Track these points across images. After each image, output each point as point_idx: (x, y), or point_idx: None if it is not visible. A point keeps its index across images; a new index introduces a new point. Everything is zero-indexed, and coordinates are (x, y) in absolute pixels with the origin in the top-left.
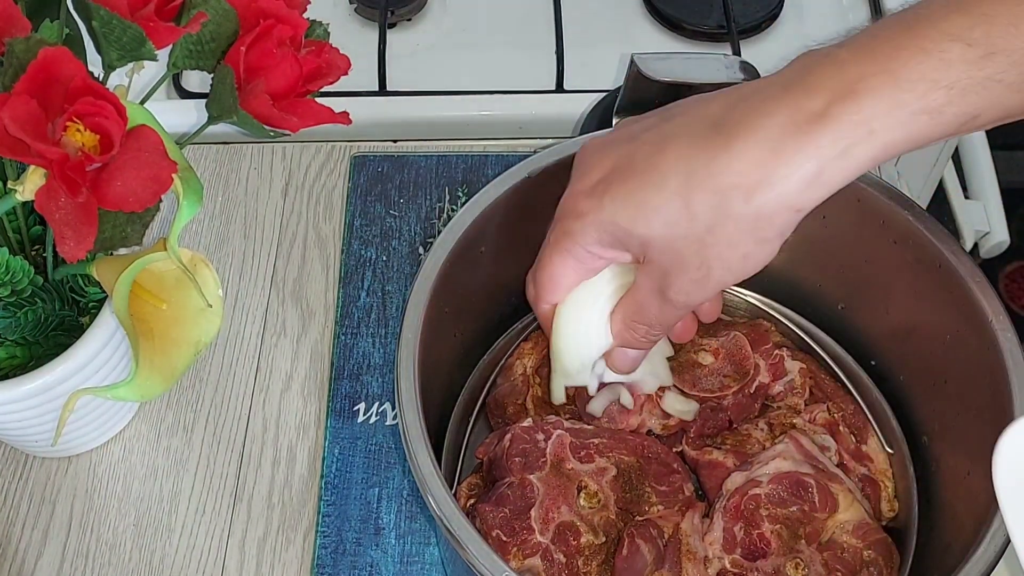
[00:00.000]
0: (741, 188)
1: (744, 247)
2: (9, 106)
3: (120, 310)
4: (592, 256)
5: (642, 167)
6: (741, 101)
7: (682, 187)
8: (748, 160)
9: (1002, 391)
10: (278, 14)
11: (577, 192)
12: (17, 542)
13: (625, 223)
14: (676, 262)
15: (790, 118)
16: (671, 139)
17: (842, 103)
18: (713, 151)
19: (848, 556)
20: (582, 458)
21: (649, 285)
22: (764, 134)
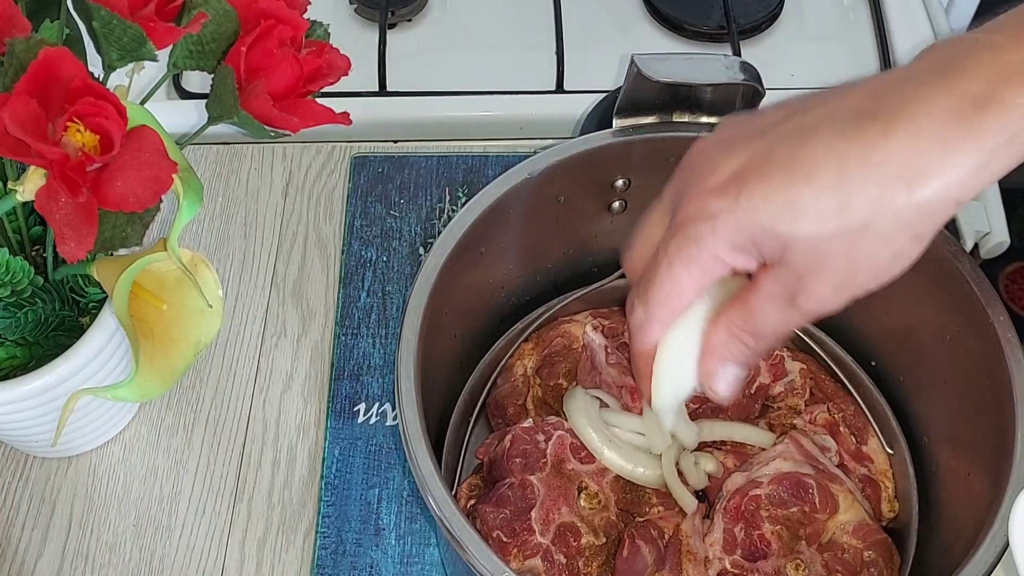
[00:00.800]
0: (904, 179)
1: (898, 244)
2: (9, 106)
3: (120, 310)
4: (719, 263)
5: (785, 161)
6: (888, 89)
7: (836, 180)
8: (911, 149)
9: (1002, 391)
10: (278, 14)
11: (704, 191)
12: (17, 542)
13: (767, 221)
14: (819, 264)
15: (954, 103)
16: (815, 129)
17: (1008, 86)
18: (870, 140)
19: (848, 557)
20: (582, 459)
21: (775, 289)
22: (926, 121)
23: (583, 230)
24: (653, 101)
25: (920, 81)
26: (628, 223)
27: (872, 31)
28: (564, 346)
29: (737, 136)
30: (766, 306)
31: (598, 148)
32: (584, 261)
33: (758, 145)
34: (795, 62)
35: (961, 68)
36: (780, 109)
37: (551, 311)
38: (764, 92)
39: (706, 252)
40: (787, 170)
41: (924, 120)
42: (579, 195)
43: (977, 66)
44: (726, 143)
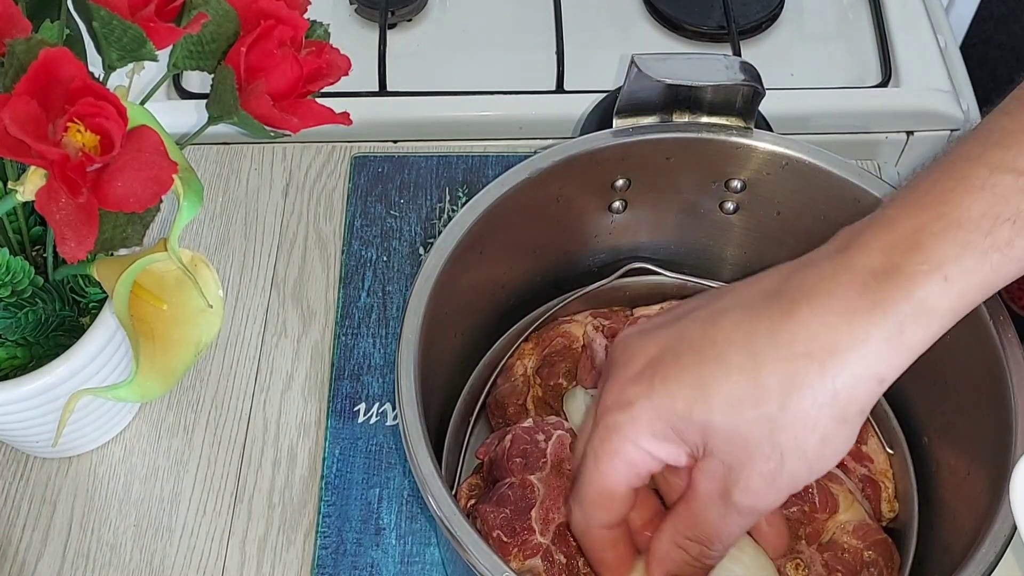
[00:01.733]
0: (813, 357)
1: (822, 428)
2: (10, 107)
3: (120, 311)
4: (645, 455)
5: (696, 343)
6: (794, 272)
7: (746, 359)
8: (816, 325)
9: (1002, 391)
10: (278, 15)
11: (621, 380)
12: (17, 543)
13: (682, 407)
14: (743, 451)
15: (855, 278)
16: (724, 312)
17: (907, 254)
18: (775, 318)
19: (848, 557)
20: None
21: (709, 486)
22: (828, 297)
23: (583, 230)
24: (653, 101)
25: (824, 263)
26: (629, 222)
27: (872, 31)
28: (564, 346)
29: (655, 325)
30: (705, 506)
31: (598, 148)
32: (584, 261)
33: (673, 330)
34: (795, 62)
35: (858, 244)
36: (697, 299)
37: (551, 311)
38: (764, 92)
39: (628, 443)
40: (697, 352)
41: (827, 297)
42: (579, 195)
43: (873, 240)
44: (644, 332)
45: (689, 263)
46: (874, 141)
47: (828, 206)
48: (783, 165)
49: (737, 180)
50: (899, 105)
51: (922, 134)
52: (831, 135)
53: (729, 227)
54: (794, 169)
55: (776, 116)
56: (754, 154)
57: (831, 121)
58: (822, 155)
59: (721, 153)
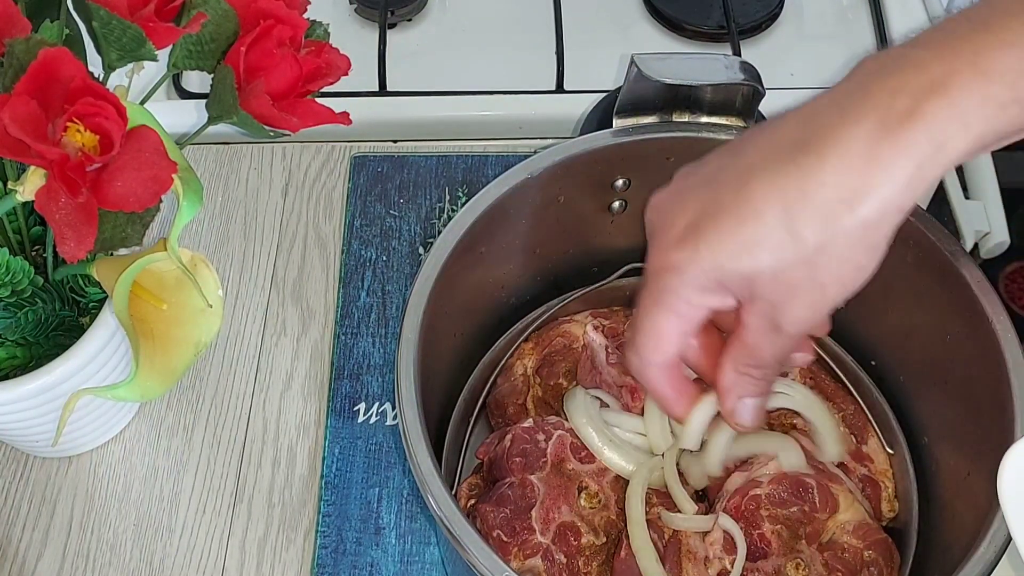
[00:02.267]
0: (844, 201)
1: (856, 258)
2: (9, 106)
3: (120, 310)
4: (695, 308)
5: (732, 203)
6: (818, 115)
7: (782, 214)
8: (845, 171)
9: (1002, 391)
10: (278, 14)
11: (665, 246)
12: (17, 542)
13: (728, 264)
14: (788, 291)
15: (880, 121)
16: (754, 170)
17: (933, 100)
18: (804, 171)
19: (848, 556)
20: (583, 458)
21: (759, 324)
22: (856, 142)
23: (583, 230)
24: (653, 101)
25: (848, 103)
26: (629, 222)
27: (872, 31)
28: (564, 346)
29: (686, 187)
30: (757, 339)
31: (598, 148)
32: (584, 261)
33: (706, 194)
34: (795, 62)
35: (886, 86)
36: (721, 154)
37: (551, 311)
38: (764, 92)
39: (680, 301)
40: (734, 213)
41: (853, 143)
42: (579, 195)
43: (901, 83)
44: (678, 195)
45: None
46: None
47: None
48: None
49: None
50: None
51: None
52: None
53: None
54: None
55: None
56: None
57: None
58: None
59: None
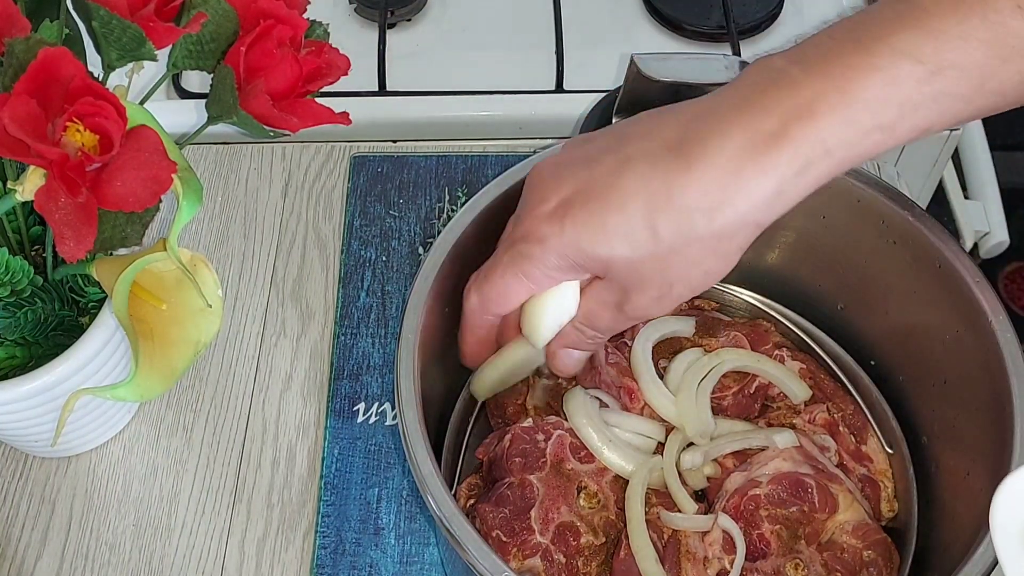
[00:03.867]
0: (703, 210)
1: (706, 264)
2: (9, 106)
3: (120, 310)
4: (547, 279)
5: (603, 190)
6: (696, 121)
7: (645, 209)
8: (709, 182)
9: (1002, 391)
10: (278, 14)
11: (536, 215)
12: (17, 542)
13: (587, 246)
14: (637, 281)
15: (748, 139)
16: (631, 162)
17: (798, 123)
18: (674, 174)
19: (848, 556)
20: (582, 458)
21: (606, 297)
22: (723, 156)
23: None
24: (653, 101)
25: (723, 115)
26: None
27: None
28: None
29: (570, 160)
30: (599, 309)
31: None
32: None
33: (585, 173)
34: None
35: (760, 103)
36: (609, 136)
37: None
38: None
39: (535, 269)
40: (604, 199)
41: (721, 155)
42: None
43: (774, 103)
44: (560, 167)
45: None
46: None
47: (828, 206)
48: None
49: None
50: None
51: None
52: None
53: None
54: None
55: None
56: None
57: None
58: None
59: None
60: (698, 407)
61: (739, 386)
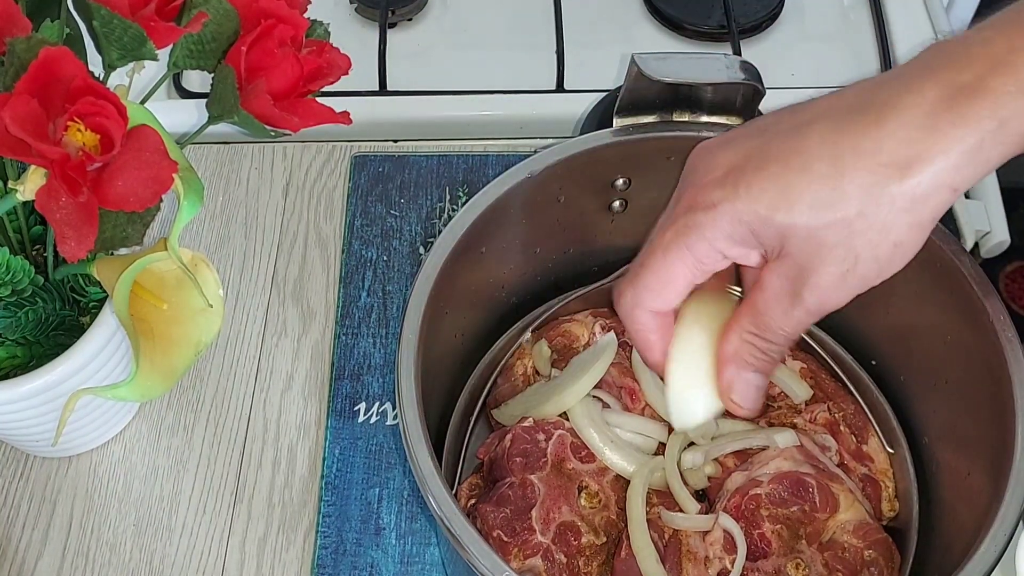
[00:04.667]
0: (895, 166)
1: (896, 232)
2: (10, 106)
3: (120, 310)
4: (715, 255)
5: (781, 153)
6: (881, 85)
7: (830, 169)
8: (901, 137)
9: (1002, 391)
10: (279, 14)
11: (703, 183)
12: (17, 542)
13: (765, 211)
14: (818, 253)
15: (942, 92)
16: (810, 124)
17: (997, 74)
18: (862, 130)
19: (849, 556)
20: (583, 458)
21: (779, 285)
22: (916, 110)
23: (583, 229)
24: (653, 100)
25: (911, 76)
26: (629, 222)
27: (872, 31)
28: (564, 345)
29: (737, 135)
30: (772, 303)
31: (598, 148)
32: (584, 260)
33: (757, 141)
34: (795, 62)
35: (951, 61)
36: (781, 111)
37: (551, 310)
38: (764, 91)
39: (704, 241)
40: (782, 161)
41: (913, 110)
42: (579, 194)
43: (967, 58)
44: (727, 142)
45: None
46: None
47: None
48: None
49: None
50: None
51: None
52: None
53: None
54: None
55: None
56: None
57: None
58: None
59: None
60: None
61: None
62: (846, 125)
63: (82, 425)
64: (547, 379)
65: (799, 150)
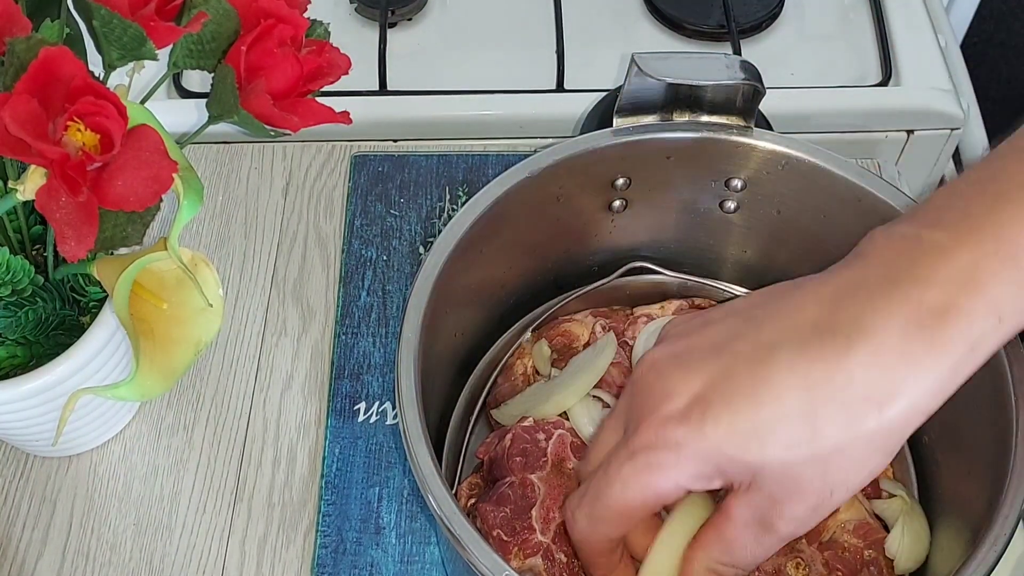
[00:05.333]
0: (872, 401)
1: (871, 463)
2: (10, 106)
3: (120, 310)
4: (678, 491)
5: (747, 384)
6: (842, 298)
7: (803, 405)
8: (876, 368)
9: (1002, 391)
10: (279, 14)
11: (663, 417)
12: (17, 542)
13: (734, 451)
14: (793, 489)
15: (911, 316)
16: (774, 349)
17: (967, 296)
18: (831, 360)
19: (849, 555)
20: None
21: (749, 515)
22: (886, 337)
23: (583, 229)
24: (653, 100)
25: (873, 290)
26: (629, 222)
27: (872, 31)
28: (565, 345)
29: (689, 350)
30: (742, 533)
31: (598, 147)
32: (584, 260)
33: (715, 365)
34: (795, 61)
35: (913, 276)
36: (730, 318)
37: (551, 310)
38: (764, 91)
39: (666, 481)
40: (751, 395)
41: (884, 336)
42: (579, 194)
43: (929, 272)
44: (679, 359)
45: (689, 262)
46: (874, 140)
47: (828, 205)
48: (783, 164)
49: (737, 179)
50: (899, 104)
51: (922, 133)
52: (831, 134)
53: (729, 226)
54: (794, 168)
55: (776, 115)
56: (754, 153)
57: (831, 120)
58: (822, 154)
59: (721, 152)
60: None
61: None
62: (815, 351)
63: (82, 425)
64: (547, 379)
65: (767, 381)
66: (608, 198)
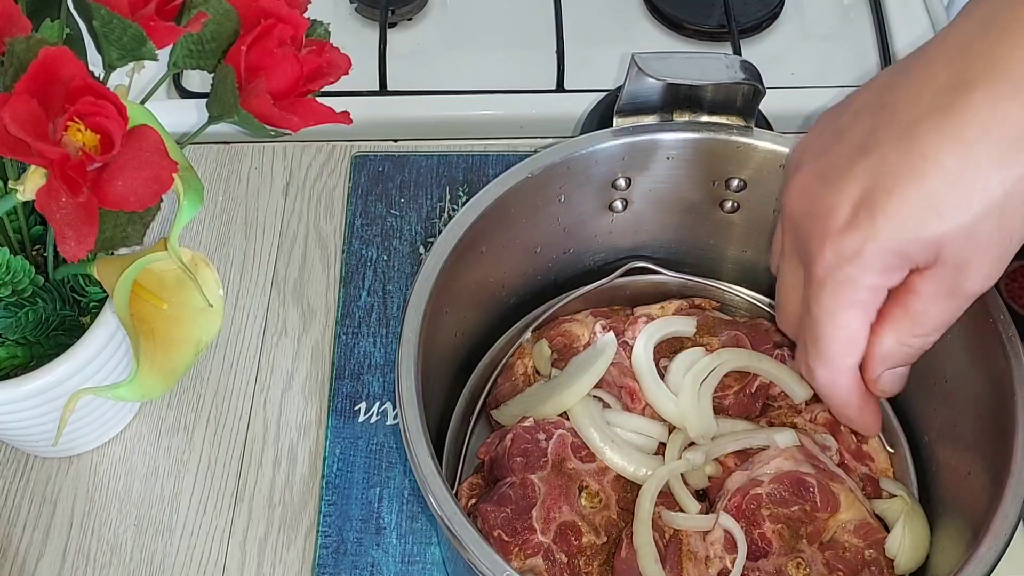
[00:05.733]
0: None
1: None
2: (10, 106)
3: (121, 310)
4: (878, 292)
5: (903, 165)
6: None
7: (965, 162)
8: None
9: (1003, 390)
10: (279, 14)
11: (832, 234)
12: (18, 542)
13: (912, 232)
14: (976, 249)
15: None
16: (917, 121)
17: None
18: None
19: (850, 555)
20: (583, 458)
21: (935, 287)
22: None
23: (583, 229)
24: (654, 100)
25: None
26: (629, 222)
27: (872, 30)
28: (565, 345)
29: (833, 163)
30: (928, 306)
31: (599, 147)
32: (585, 260)
33: (865, 164)
34: (795, 61)
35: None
36: (861, 116)
37: (552, 310)
38: (764, 91)
39: (862, 290)
40: (910, 175)
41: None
42: (579, 194)
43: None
44: (824, 176)
45: (690, 262)
46: None
47: None
48: (783, 164)
49: (737, 179)
50: None
51: None
52: None
53: (729, 226)
54: None
55: (776, 115)
56: (754, 153)
57: None
58: None
59: (721, 152)
60: (700, 407)
61: (740, 385)
62: (959, 108)
63: (82, 425)
64: (547, 379)
65: (922, 154)
66: (608, 198)
